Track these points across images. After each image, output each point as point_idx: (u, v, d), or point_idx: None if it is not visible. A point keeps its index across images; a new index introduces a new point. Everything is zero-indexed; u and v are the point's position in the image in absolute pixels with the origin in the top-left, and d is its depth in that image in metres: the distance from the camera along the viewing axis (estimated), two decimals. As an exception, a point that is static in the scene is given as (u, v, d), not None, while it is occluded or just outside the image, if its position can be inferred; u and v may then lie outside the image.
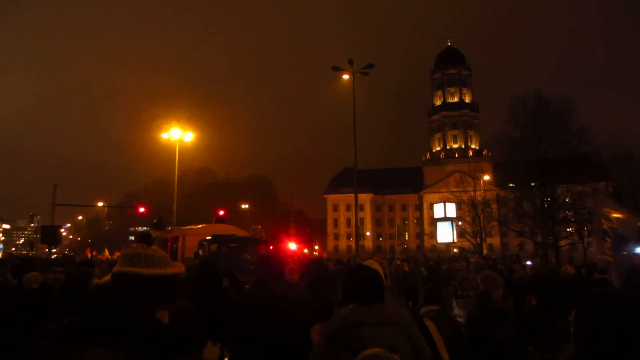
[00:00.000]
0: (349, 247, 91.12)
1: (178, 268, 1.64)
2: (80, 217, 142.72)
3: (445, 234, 78.95)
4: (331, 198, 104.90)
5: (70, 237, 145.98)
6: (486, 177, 52.11)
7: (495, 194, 50.95)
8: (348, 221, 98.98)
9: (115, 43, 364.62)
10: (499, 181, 46.67)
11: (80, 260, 20.39)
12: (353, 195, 29.88)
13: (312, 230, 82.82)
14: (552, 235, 30.38)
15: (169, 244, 15.33)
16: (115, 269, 1.56)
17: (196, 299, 3.83)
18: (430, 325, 3.30)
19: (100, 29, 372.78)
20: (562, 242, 31.28)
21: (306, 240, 70.77)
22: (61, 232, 30.27)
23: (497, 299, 4.38)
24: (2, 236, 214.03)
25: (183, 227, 17.48)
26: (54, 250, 28.66)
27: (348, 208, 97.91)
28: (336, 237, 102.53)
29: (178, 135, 31.78)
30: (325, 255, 71.00)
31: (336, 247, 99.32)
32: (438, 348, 3.20)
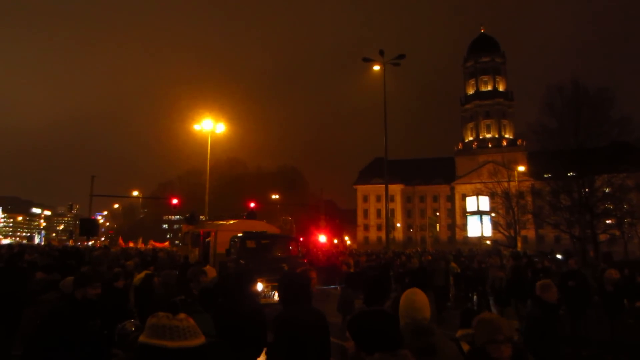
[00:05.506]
0: (379, 238, 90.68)
1: (201, 337, 1.58)
2: (116, 206, 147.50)
3: (477, 228, 77.56)
4: (361, 189, 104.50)
5: (107, 224, 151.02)
6: (521, 168, 50.64)
7: (529, 185, 49.54)
8: (378, 212, 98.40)
9: (149, 36, 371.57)
10: (534, 172, 45.29)
11: (114, 252, 21.15)
12: (383, 185, 29.64)
13: (342, 220, 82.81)
14: (591, 228, 29.27)
15: (201, 238, 15.59)
16: (140, 338, 1.55)
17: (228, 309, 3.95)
18: (467, 349, 3.19)
19: (136, 23, 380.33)
20: (602, 237, 30.07)
21: (336, 231, 70.79)
22: (99, 224, 31.36)
23: None
24: (44, 222, 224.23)
25: (215, 222, 17.73)
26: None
27: (378, 199, 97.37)
28: (366, 228, 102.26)
29: (210, 126, 32.17)
30: (355, 247, 70.95)
31: (366, 238, 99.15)
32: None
